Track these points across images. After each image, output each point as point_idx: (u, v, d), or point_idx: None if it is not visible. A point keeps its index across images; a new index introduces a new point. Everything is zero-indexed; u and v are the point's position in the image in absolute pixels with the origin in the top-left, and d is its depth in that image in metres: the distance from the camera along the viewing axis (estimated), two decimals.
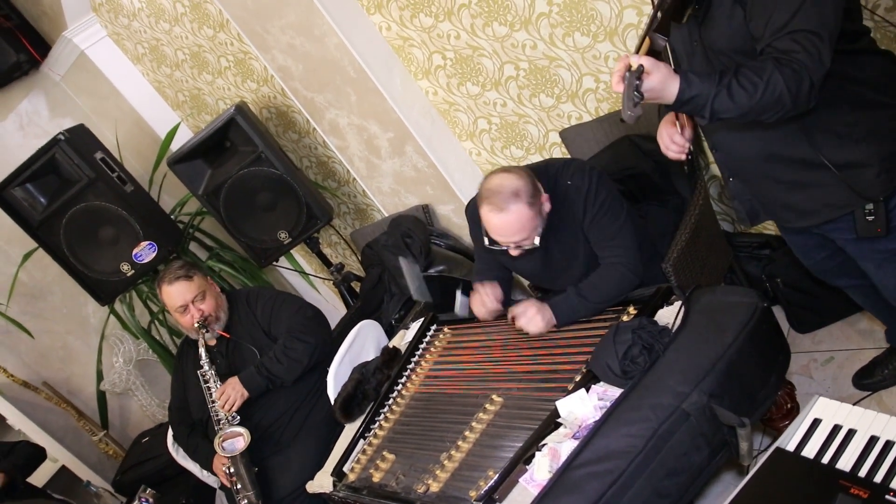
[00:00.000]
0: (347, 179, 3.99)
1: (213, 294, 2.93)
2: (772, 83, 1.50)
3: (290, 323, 2.89)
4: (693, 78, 1.54)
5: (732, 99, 1.53)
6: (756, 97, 1.52)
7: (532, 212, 2.15)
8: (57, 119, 4.31)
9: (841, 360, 2.62)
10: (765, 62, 1.52)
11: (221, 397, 2.77)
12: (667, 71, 1.52)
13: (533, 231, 2.18)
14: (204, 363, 2.84)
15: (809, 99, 1.53)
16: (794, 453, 1.51)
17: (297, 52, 3.28)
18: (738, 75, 1.52)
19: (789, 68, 1.49)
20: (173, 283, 2.85)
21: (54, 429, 4.23)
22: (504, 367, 2.27)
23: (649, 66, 1.51)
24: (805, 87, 1.50)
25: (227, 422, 2.76)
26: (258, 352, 2.88)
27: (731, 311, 1.84)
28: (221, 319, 2.92)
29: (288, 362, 2.79)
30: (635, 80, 1.50)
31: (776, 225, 2.16)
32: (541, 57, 2.88)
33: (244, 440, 2.71)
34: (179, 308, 2.85)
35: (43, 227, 3.44)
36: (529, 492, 1.74)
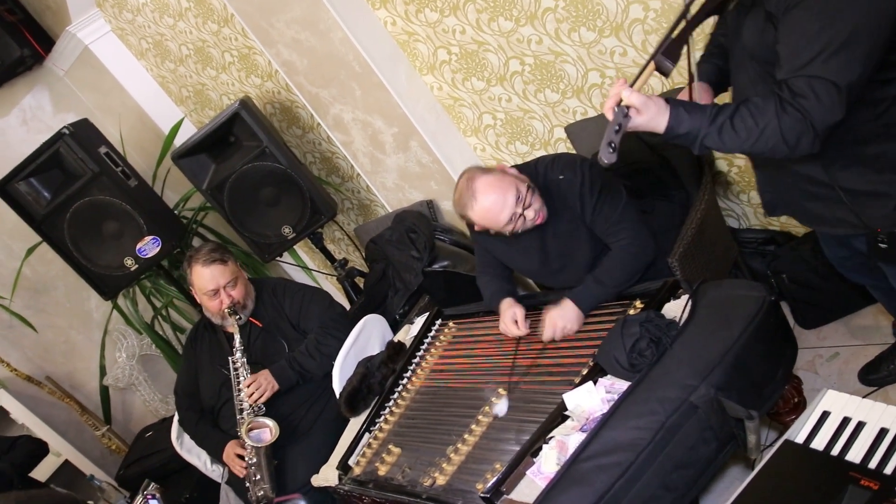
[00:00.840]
0: (351, 175, 3.98)
1: (244, 281, 2.91)
2: (767, 131, 1.49)
3: (322, 318, 2.88)
4: (683, 115, 1.54)
5: (722, 141, 1.54)
6: (748, 143, 1.52)
7: (506, 177, 2.18)
8: (60, 114, 4.30)
9: (846, 356, 2.62)
10: (767, 104, 1.49)
11: (252, 387, 2.73)
12: (656, 109, 1.54)
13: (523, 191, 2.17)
14: (237, 350, 2.80)
15: (811, 147, 1.50)
16: (804, 446, 1.51)
17: (302, 47, 3.27)
18: (734, 117, 1.51)
19: (791, 117, 1.46)
20: (208, 266, 2.80)
21: (57, 423, 4.23)
22: (510, 361, 2.27)
23: (638, 105, 1.53)
24: (806, 138, 1.48)
25: (253, 412, 2.73)
26: (286, 344, 2.86)
27: (738, 304, 1.84)
28: (248, 307, 2.90)
29: (321, 358, 2.79)
30: (618, 122, 1.54)
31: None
32: (546, 52, 2.88)
33: (271, 433, 2.68)
34: (210, 291, 2.81)
35: (47, 222, 3.43)
36: (537, 484, 1.74)
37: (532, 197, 2.21)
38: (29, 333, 4.17)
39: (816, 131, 1.47)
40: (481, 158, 3.43)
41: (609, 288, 2.21)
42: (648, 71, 1.57)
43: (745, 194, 2.93)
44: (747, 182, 2.89)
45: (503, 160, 3.37)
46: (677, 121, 1.54)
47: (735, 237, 2.92)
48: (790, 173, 1.75)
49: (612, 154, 1.53)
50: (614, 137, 1.53)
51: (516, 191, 2.17)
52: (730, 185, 2.94)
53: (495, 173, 2.21)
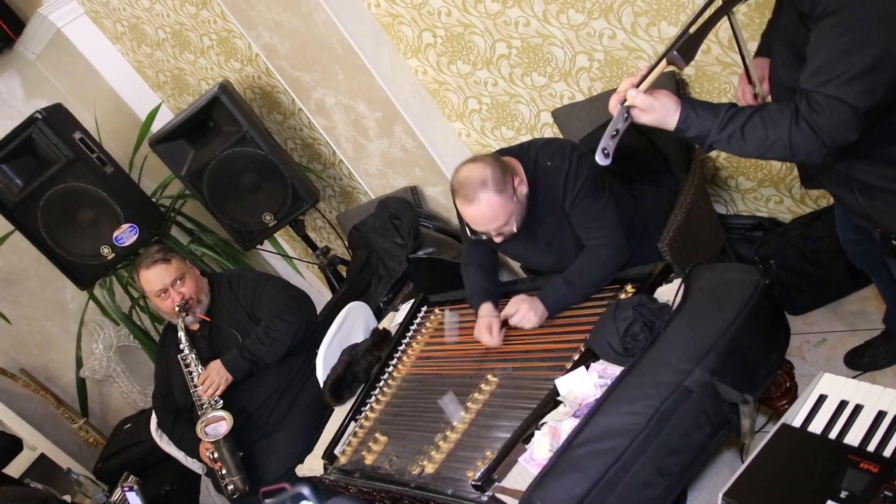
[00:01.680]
0: (333, 161, 3.92)
1: (193, 277, 2.86)
2: (777, 145, 1.48)
3: (272, 303, 2.83)
4: (693, 119, 1.52)
5: (731, 147, 1.53)
6: (756, 153, 1.51)
7: (502, 198, 2.12)
8: (33, 100, 4.19)
9: (834, 342, 2.62)
10: (784, 116, 1.47)
11: (205, 382, 2.71)
12: (663, 110, 1.52)
13: (509, 216, 2.16)
14: (184, 347, 2.76)
15: (822, 160, 1.49)
16: (801, 429, 1.49)
17: (283, 30, 3.20)
18: (745, 126, 1.49)
19: (804, 134, 1.44)
20: (151, 267, 2.77)
21: (32, 416, 4.14)
22: (498, 347, 2.23)
23: (644, 107, 1.51)
24: (817, 154, 1.46)
25: (210, 406, 2.70)
26: (240, 335, 2.81)
27: (732, 288, 1.82)
28: (203, 302, 2.85)
29: (271, 343, 2.74)
30: (620, 122, 1.50)
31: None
32: (534, 35, 2.83)
33: (227, 424, 2.65)
34: (159, 292, 2.77)
35: (19, 210, 3.34)
36: (529, 471, 1.71)
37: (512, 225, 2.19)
38: (2, 325, 4.07)
39: (828, 148, 1.45)
40: (466, 144, 3.38)
41: (579, 289, 2.18)
42: (660, 68, 1.52)
43: (732, 180, 2.92)
44: (735, 168, 2.87)
45: (489, 146, 3.33)
46: (686, 124, 1.52)
47: (723, 223, 2.90)
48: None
49: (605, 159, 1.52)
50: (609, 143, 1.51)
51: (504, 221, 2.16)
52: (718, 170, 2.92)
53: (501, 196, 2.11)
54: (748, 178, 2.87)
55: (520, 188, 2.18)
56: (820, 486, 1.35)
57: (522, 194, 2.20)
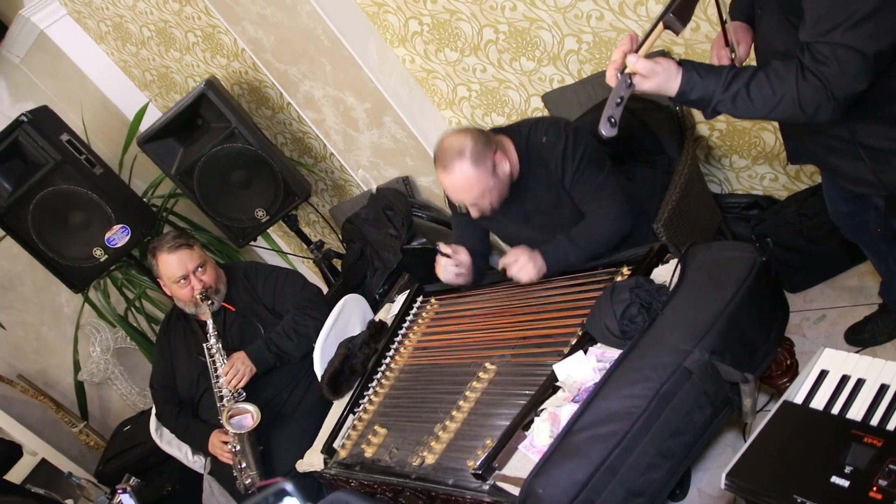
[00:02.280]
0: (324, 155, 3.89)
1: (213, 265, 2.82)
2: (785, 101, 1.42)
3: (297, 299, 2.82)
4: (696, 80, 1.46)
5: (736, 108, 1.47)
6: (763, 112, 1.45)
7: (478, 171, 2.11)
8: (18, 104, 4.13)
9: (833, 318, 2.60)
10: (789, 71, 1.42)
11: (230, 372, 2.65)
12: (665, 75, 1.46)
13: (485, 190, 2.15)
14: (211, 336, 2.70)
15: (831, 115, 1.43)
16: (803, 406, 1.46)
17: (268, 23, 3.16)
18: (750, 84, 1.44)
19: (812, 86, 1.39)
20: (174, 252, 2.70)
21: (32, 422, 4.11)
22: (495, 335, 2.21)
23: (645, 72, 1.45)
24: (826, 108, 1.41)
25: (233, 398, 2.66)
26: (261, 327, 2.79)
27: (729, 266, 1.80)
28: (221, 292, 2.81)
29: (298, 338, 2.72)
30: (620, 95, 1.45)
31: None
32: (520, 18, 2.80)
33: (253, 418, 2.60)
34: (179, 278, 2.71)
35: (9, 214, 3.30)
36: (530, 458, 1.69)
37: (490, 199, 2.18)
38: None
39: (837, 101, 1.40)
40: None
41: (580, 249, 2.18)
42: (657, 32, 1.46)
43: (726, 159, 2.89)
44: (729, 146, 2.85)
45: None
46: (689, 86, 1.46)
47: (718, 202, 2.88)
48: (817, 129, 1.67)
49: (612, 129, 1.46)
50: (615, 111, 1.45)
51: (478, 193, 2.16)
52: (711, 149, 2.90)
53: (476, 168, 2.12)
54: (742, 157, 2.85)
55: (501, 164, 2.17)
56: (824, 462, 1.33)
57: (504, 171, 2.18)
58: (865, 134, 1.57)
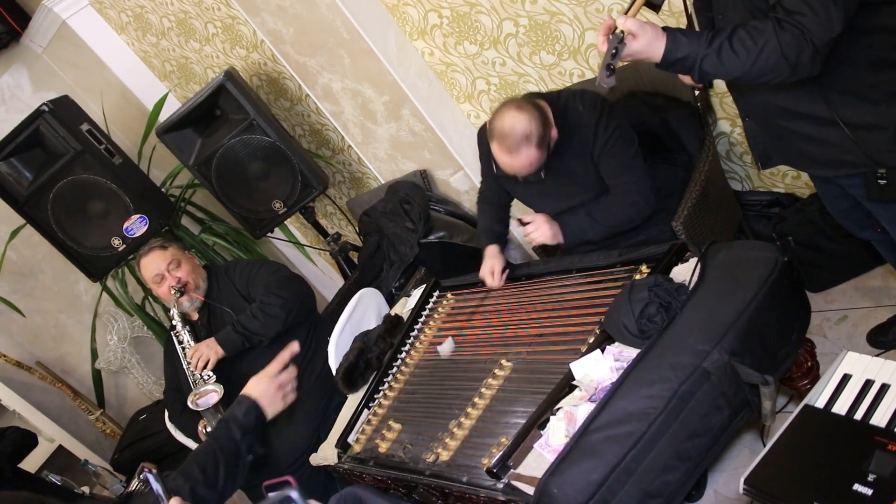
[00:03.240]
0: (342, 147, 3.88)
1: (190, 263, 2.90)
2: (767, 50, 1.46)
3: (266, 282, 2.85)
4: (681, 39, 1.51)
5: (722, 62, 1.50)
6: (748, 63, 1.49)
7: (541, 152, 2.18)
8: (40, 93, 4.17)
9: (855, 319, 2.56)
10: (765, 24, 1.46)
11: (194, 355, 2.71)
12: (653, 33, 1.51)
13: (540, 165, 2.22)
14: (177, 323, 2.80)
15: (812, 66, 1.47)
16: (825, 410, 1.44)
17: (288, 15, 3.15)
18: (731, 38, 1.48)
19: (790, 34, 1.43)
20: (148, 255, 2.85)
21: (50, 409, 4.16)
22: (512, 332, 2.20)
23: (634, 30, 1.49)
24: (806, 54, 1.45)
25: (203, 381, 2.70)
26: (235, 314, 2.82)
27: (750, 265, 1.77)
28: (201, 287, 2.88)
29: (264, 318, 2.73)
30: (614, 47, 1.50)
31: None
32: (541, 12, 2.77)
33: (217, 394, 2.65)
34: (156, 277, 2.82)
35: (30, 203, 3.33)
36: (545, 458, 1.68)
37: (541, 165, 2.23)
38: (17, 318, 4.08)
39: (816, 46, 1.44)
40: (475, 126, 3.33)
41: (598, 224, 2.23)
42: (639, 2, 1.55)
43: (748, 155, 2.85)
44: None
45: None
46: (675, 45, 1.51)
47: (739, 200, 2.85)
48: (787, 117, 1.71)
49: (610, 77, 1.50)
50: (612, 60, 1.50)
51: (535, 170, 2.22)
52: (732, 146, 2.86)
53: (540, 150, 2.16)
54: None
55: (553, 137, 2.23)
56: (846, 470, 1.31)
57: (553, 142, 2.24)
58: (845, 110, 1.60)
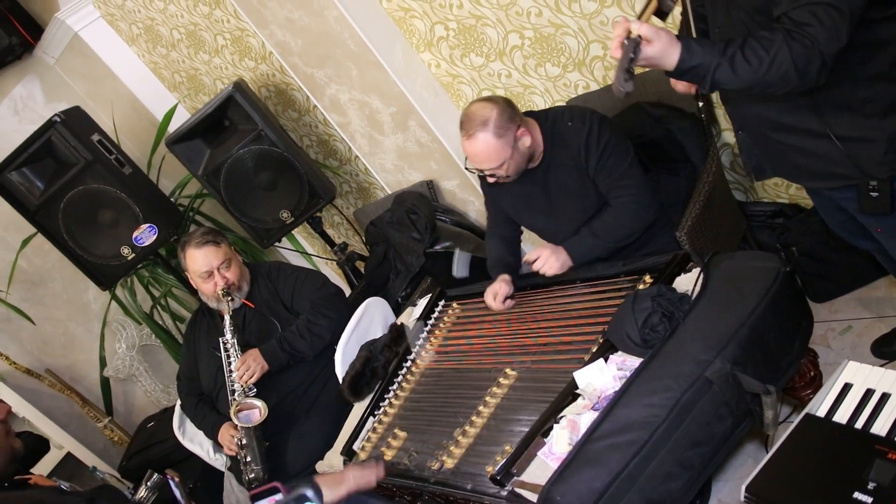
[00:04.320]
0: (349, 157, 3.92)
1: (238, 263, 2.88)
2: (778, 59, 1.46)
3: (313, 298, 2.84)
4: (695, 47, 1.50)
5: (735, 72, 1.50)
6: (760, 72, 1.48)
7: (500, 142, 2.18)
8: (52, 103, 4.23)
9: (859, 329, 2.57)
10: (775, 34, 1.47)
11: (241, 368, 2.70)
12: (668, 39, 1.49)
13: (504, 161, 2.21)
14: (227, 331, 2.75)
15: (819, 77, 1.48)
16: (826, 419, 1.46)
17: (296, 27, 3.20)
18: (744, 47, 1.48)
19: (800, 44, 1.44)
20: (201, 248, 2.77)
21: (58, 416, 4.18)
22: (516, 341, 2.22)
23: (649, 35, 1.47)
24: (815, 65, 1.46)
25: (244, 393, 2.70)
26: (279, 325, 2.82)
27: (752, 276, 1.79)
28: (244, 289, 2.86)
29: (311, 337, 2.75)
30: (631, 52, 1.47)
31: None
32: (546, 24, 2.80)
33: (260, 413, 2.64)
34: (204, 273, 2.77)
35: (41, 212, 3.37)
36: (549, 465, 1.69)
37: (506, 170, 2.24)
38: (27, 326, 4.12)
39: (824, 58, 1.45)
40: None
41: (603, 241, 2.23)
42: (652, 7, 1.52)
43: None
44: None
45: None
46: (689, 52, 1.49)
47: (743, 210, 2.86)
48: (781, 130, 1.72)
49: (628, 81, 1.46)
50: (629, 65, 1.47)
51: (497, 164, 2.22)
52: (736, 157, 2.87)
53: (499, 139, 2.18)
54: None
55: (523, 138, 2.23)
56: (847, 478, 1.32)
57: (524, 145, 2.24)
58: (838, 124, 1.62)
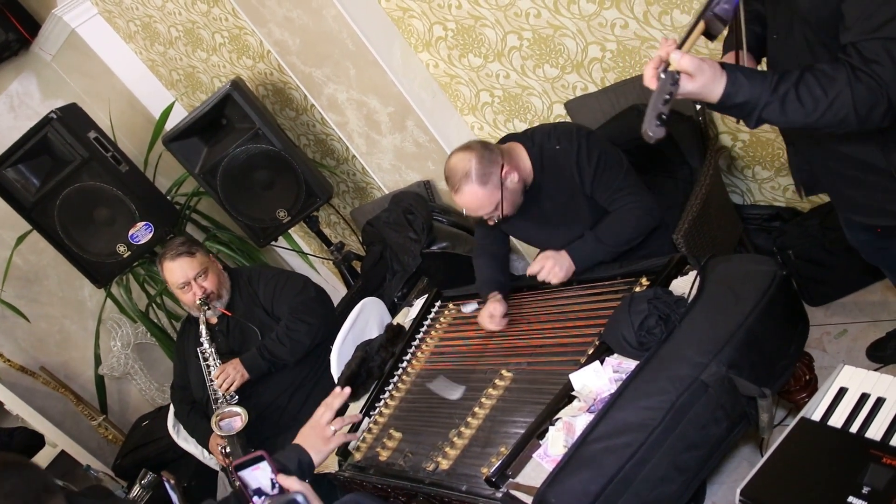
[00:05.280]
0: (346, 157, 3.91)
1: (216, 271, 2.86)
2: (838, 102, 1.32)
3: (293, 303, 2.82)
4: (742, 81, 1.34)
5: (785, 113, 1.35)
6: (814, 115, 1.34)
7: (485, 189, 2.18)
8: (49, 100, 4.21)
9: (854, 333, 2.57)
10: (838, 71, 1.32)
11: (220, 376, 2.71)
12: (712, 73, 1.33)
13: (495, 204, 2.21)
14: (204, 340, 2.76)
15: (883, 120, 1.34)
16: (821, 423, 1.46)
17: (294, 26, 3.19)
18: (799, 85, 1.33)
19: (865, 85, 1.30)
20: (175, 260, 2.77)
21: (53, 414, 4.18)
22: (512, 342, 2.22)
23: (691, 69, 1.32)
24: (879, 110, 1.31)
25: (226, 401, 2.70)
26: (259, 331, 2.81)
27: (748, 279, 1.79)
28: (224, 297, 2.85)
29: (291, 344, 2.73)
30: (668, 89, 1.32)
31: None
32: (545, 26, 2.80)
33: (241, 420, 2.65)
34: (181, 285, 2.77)
35: (37, 209, 3.37)
36: (544, 467, 1.69)
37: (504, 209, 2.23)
38: (21, 324, 4.11)
39: (891, 102, 1.31)
40: (479, 137, 3.36)
41: (607, 246, 2.21)
42: (697, 32, 1.35)
43: (749, 169, 2.87)
44: (752, 157, 2.83)
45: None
46: (735, 87, 1.34)
47: (739, 213, 2.87)
48: (836, 157, 1.60)
49: (659, 128, 1.30)
50: (663, 108, 1.30)
51: (490, 209, 2.22)
52: (734, 160, 2.88)
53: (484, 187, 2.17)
54: (765, 168, 2.83)
55: (510, 176, 2.21)
56: (841, 482, 1.32)
57: (514, 182, 2.23)
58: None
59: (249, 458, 1.61)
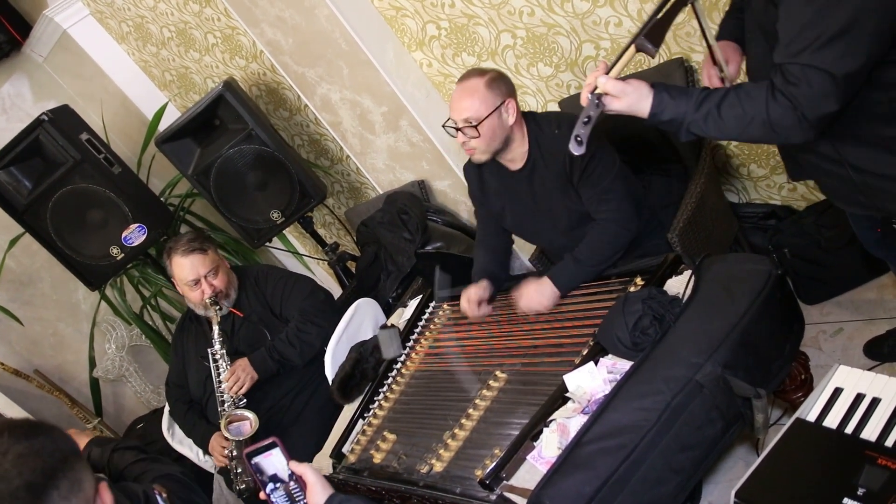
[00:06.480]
0: (340, 157, 3.89)
1: (225, 270, 2.83)
2: (756, 121, 1.42)
3: (303, 305, 2.80)
4: (668, 101, 1.48)
5: (708, 128, 1.47)
6: (734, 132, 1.46)
7: (488, 92, 2.18)
8: (41, 102, 4.18)
9: (850, 332, 2.57)
10: (759, 91, 1.42)
11: (231, 378, 2.67)
12: (636, 95, 1.48)
13: (482, 117, 2.17)
14: (216, 342, 2.72)
15: (804, 136, 1.42)
16: (816, 424, 1.45)
17: (287, 26, 3.17)
18: (721, 104, 1.45)
19: (781, 106, 1.39)
20: (188, 256, 2.72)
21: (47, 417, 4.15)
22: (507, 343, 2.21)
23: (616, 92, 1.47)
24: (797, 128, 1.40)
25: (234, 404, 2.68)
26: (267, 332, 2.79)
27: (743, 279, 1.78)
28: (231, 296, 2.82)
29: (301, 346, 2.72)
30: (589, 112, 1.48)
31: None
32: (538, 24, 2.79)
33: (251, 425, 2.62)
34: (191, 282, 2.73)
35: (29, 212, 3.34)
36: (538, 469, 1.68)
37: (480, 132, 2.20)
38: (15, 327, 4.08)
39: (808, 121, 1.39)
40: None
41: (587, 267, 2.19)
42: (629, 54, 1.49)
43: (744, 168, 2.86)
44: (747, 155, 2.82)
45: None
46: (661, 107, 1.48)
47: (735, 212, 2.86)
48: (807, 149, 1.65)
49: (579, 147, 1.49)
50: (582, 130, 1.48)
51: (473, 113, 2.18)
52: (729, 158, 2.87)
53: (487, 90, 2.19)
54: (760, 166, 2.82)
55: (509, 107, 2.22)
56: (836, 483, 1.31)
57: (506, 120, 2.23)
58: (851, 154, 1.56)
59: (262, 445, 1.60)
